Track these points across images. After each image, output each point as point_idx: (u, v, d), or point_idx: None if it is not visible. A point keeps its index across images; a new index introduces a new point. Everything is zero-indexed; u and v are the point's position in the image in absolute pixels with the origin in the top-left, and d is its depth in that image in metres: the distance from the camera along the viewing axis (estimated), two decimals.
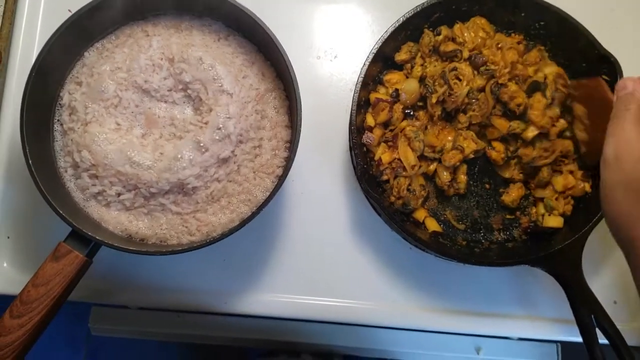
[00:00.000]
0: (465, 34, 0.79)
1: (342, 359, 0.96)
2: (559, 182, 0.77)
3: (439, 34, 0.79)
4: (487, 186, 0.82)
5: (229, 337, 0.90)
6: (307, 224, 0.83)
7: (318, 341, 0.90)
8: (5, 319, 0.64)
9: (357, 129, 0.76)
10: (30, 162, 0.67)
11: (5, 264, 0.81)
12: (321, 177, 0.84)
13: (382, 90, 0.80)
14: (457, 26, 0.79)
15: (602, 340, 0.70)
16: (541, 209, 0.78)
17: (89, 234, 0.66)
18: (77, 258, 0.66)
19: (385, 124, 0.79)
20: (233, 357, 1.07)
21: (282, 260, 0.82)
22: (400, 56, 0.80)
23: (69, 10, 0.74)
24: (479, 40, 0.78)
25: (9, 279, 0.79)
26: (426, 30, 0.80)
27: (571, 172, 0.77)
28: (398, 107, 0.78)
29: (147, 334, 0.91)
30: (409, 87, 0.77)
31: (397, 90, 0.78)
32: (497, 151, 0.78)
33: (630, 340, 0.72)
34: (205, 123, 0.71)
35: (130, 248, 0.68)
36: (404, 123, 0.78)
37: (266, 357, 0.97)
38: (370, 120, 0.78)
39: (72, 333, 1.63)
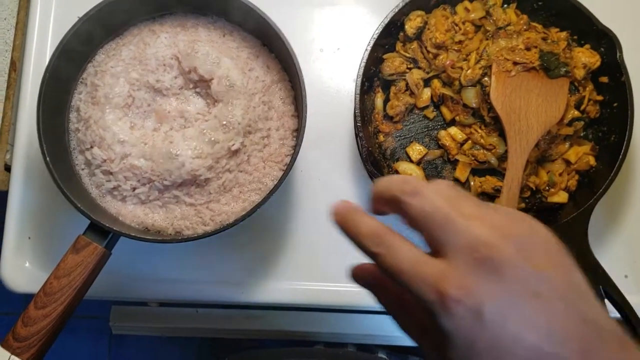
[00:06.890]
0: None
1: (355, 348, 0.97)
2: (572, 153, 0.78)
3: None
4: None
5: (245, 330, 0.91)
6: (317, 212, 0.84)
7: (329, 330, 0.91)
8: (30, 310, 0.66)
9: (361, 116, 0.77)
10: (47, 159, 0.70)
11: (27, 264, 0.83)
12: (329, 165, 0.85)
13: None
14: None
15: (612, 313, 0.71)
16: (544, 177, 0.78)
17: (107, 225, 0.69)
18: (96, 249, 0.68)
19: None
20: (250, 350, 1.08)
21: (295, 249, 0.83)
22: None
23: (78, 17, 0.77)
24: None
25: (31, 277, 0.81)
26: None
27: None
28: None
29: (167, 330, 0.93)
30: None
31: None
32: None
33: None
34: (215, 116, 0.73)
35: (147, 237, 0.70)
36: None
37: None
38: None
39: (95, 338, 1.66)
